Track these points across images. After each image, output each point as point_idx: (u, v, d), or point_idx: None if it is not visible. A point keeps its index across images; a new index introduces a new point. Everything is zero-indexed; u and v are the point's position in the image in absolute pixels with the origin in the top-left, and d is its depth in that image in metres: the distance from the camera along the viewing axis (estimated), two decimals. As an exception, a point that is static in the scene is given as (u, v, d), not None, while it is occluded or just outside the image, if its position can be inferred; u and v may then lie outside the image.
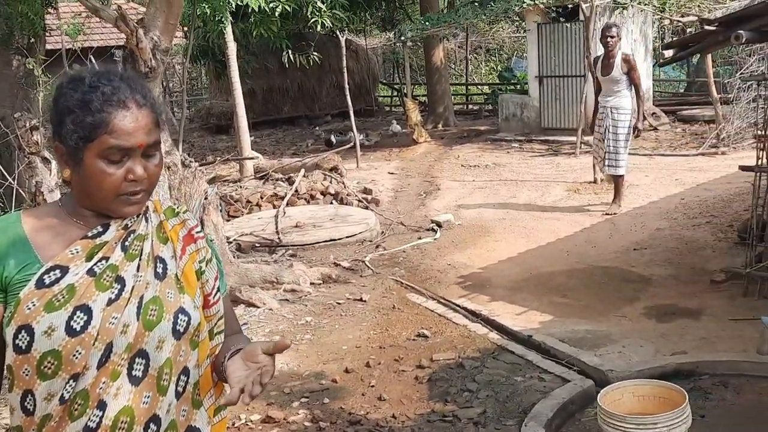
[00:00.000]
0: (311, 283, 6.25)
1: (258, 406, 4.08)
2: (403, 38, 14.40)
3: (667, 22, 13.31)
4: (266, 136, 16.52)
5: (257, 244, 7.40)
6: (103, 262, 1.48)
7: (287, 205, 8.74)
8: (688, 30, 12.16)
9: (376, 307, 5.71)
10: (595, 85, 7.90)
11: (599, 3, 11.11)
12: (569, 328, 4.96)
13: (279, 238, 7.46)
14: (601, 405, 3.28)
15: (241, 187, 10.21)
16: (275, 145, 15.33)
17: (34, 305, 1.42)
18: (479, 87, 21.59)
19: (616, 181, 7.86)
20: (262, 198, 9.22)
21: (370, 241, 7.54)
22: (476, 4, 14.15)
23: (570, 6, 12.39)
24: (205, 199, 5.83)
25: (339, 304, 5.81)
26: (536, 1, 12.18)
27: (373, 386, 4.31)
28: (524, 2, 12.29)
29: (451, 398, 4.10)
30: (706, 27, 5.28)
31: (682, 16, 12.30)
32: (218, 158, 12.19)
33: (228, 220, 8.35)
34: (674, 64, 15.67)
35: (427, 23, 13.92)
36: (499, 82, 19.78)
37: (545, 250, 6.82)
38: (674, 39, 11.91)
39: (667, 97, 16.27)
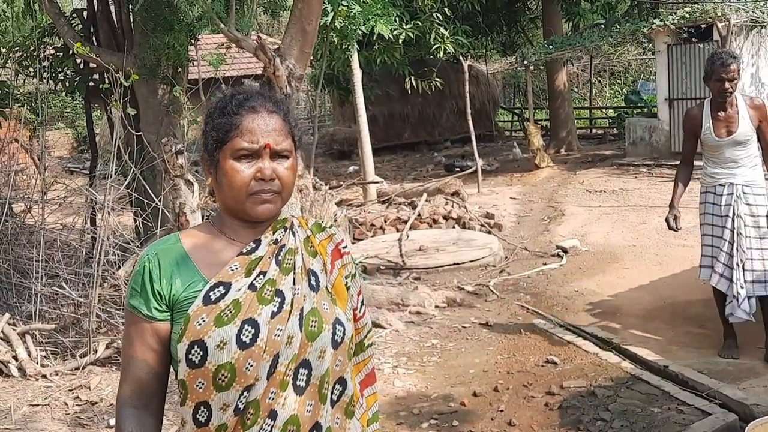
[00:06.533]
0: (436, 306, 6.28)
1: (388, 425, 4.12)
2: (526, 62, 14.29)
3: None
4: (387, 161, 16.77)
5: (382, 267, 7.50)
6: (261, 276, 1.54)
7: (410, 228, 8.82)
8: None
9: (501, 331, 5.64)
10: (690, 152, 4.82)
11: (735, 22, 10.64)
12: (708, 360, 4.72)
13: (403, 261, 7.52)
14: (749, 440, 3.10)
15: (365, 210, 10.41)
16: (396, 171, 15.54)
17: (204, 320, 1.48)
18: (603, 111, 21.07)
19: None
20: (385, 221, 9.35)
21: (494, 266, 7.48)
22: (602, 26, 13.89)
23: (703, 26, 11.92)
24: (335, 221, 5.98)
25: (464, 327, 5.79)
26: (667, 22, 11.81)
27: (502, 411, 4.25)
28: (654, 23, 11.95)
29: (584, 427, 3.98)
30: None
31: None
32: (343, 183, 12.48)
33: (353, 243, 8.52)
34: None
35: (551, 47, 13.78)
36: (624, 105, 19.25)
37: (679, 279, 6.54)
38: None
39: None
